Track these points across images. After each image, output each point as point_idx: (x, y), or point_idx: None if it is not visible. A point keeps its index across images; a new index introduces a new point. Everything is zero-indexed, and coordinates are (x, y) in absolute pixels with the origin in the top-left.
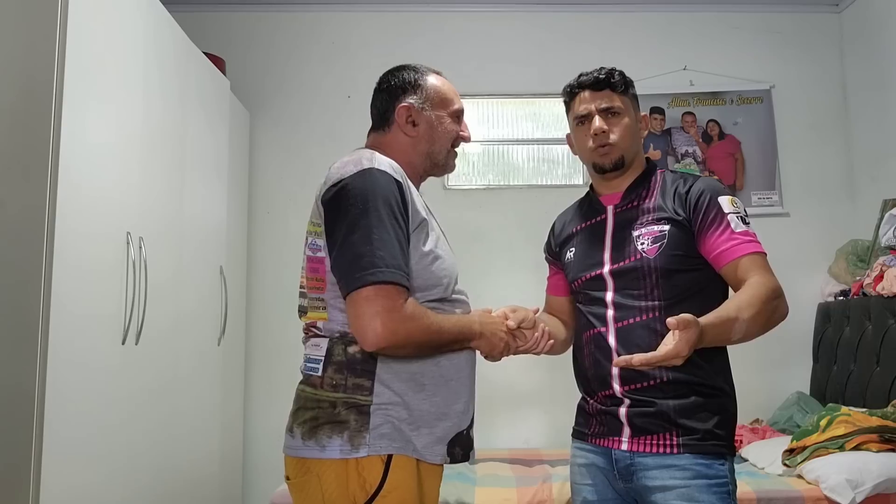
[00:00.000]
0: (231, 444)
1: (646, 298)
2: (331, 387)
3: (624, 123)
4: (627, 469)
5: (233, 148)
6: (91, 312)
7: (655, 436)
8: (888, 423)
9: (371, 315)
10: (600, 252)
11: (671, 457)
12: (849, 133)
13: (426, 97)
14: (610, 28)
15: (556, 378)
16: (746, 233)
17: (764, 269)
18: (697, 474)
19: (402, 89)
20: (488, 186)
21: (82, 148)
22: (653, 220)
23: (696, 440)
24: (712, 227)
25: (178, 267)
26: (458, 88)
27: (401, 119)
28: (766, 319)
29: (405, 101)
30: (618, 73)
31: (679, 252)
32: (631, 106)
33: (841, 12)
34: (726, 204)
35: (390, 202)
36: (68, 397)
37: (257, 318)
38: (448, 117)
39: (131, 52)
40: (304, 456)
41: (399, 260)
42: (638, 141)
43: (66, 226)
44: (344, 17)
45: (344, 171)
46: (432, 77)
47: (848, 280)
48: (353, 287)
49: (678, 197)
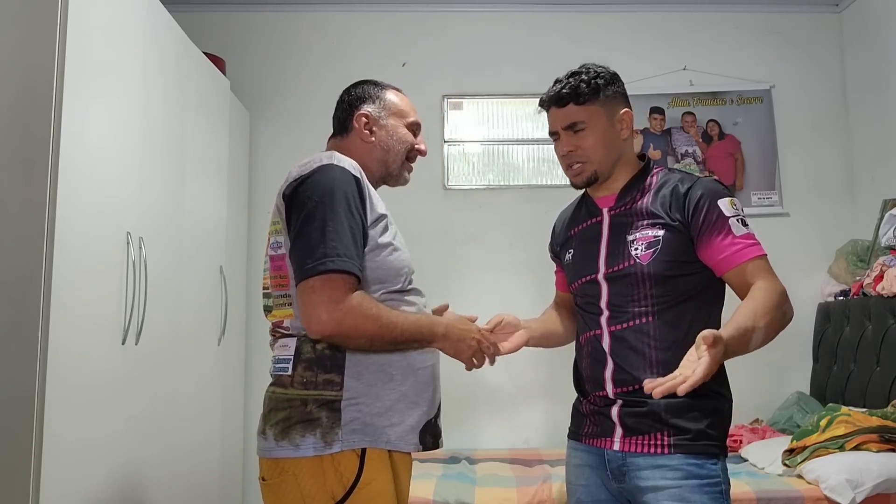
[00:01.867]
0: (231, 443)
1: (639, 304)
2: (301, 385)
3: (591, 137)
4: (620, 469)
5: (233, 148)
6: (91, 312)
7: (647, 436)
8: (888, 423)
9: (316, 304)
10: (596, 257)
11: (662, 457)
12: (849, 133)
13: (384, 107)
14: (610, 28)
15: (557, 378)
16: (748, 236)
17: (769, 273)
18: (689, 474)
19: (361, 99)
20: (488, 186)
21: (82, 148)
22: (647, 225)
23: (688, 440)
24: (713, 232)
25: (178, 267)
26: (459, 88)
27: (359, 125)
28: (779, 325)
29: (364, 110)
30: (583, 82)
31: (673, 258)
32: (602, 113)
33: (841, 12)
34: (727, 207)
35: (347, 196)
36: (68, 397)
37: (257, 318)
38: (403, 128)
39: (131, 52)
40: (278, 456)
41: (351, 250)
42: (613, 148)
43: (66, 226)
44: (344, 17)
45: (304, 169)
46: (391, 92)
47: (848, 280)
48: (303, 277)
49: (675, 199)
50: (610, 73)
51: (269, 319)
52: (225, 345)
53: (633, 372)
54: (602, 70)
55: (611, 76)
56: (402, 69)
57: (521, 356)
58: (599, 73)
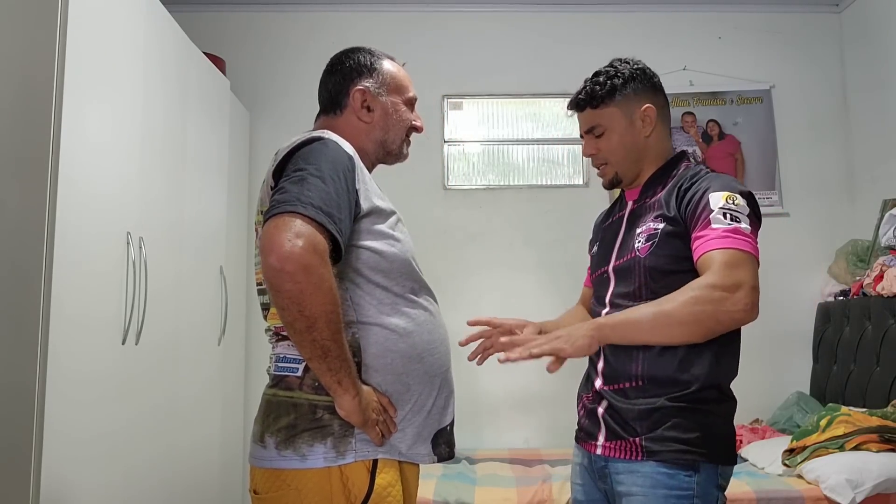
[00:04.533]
0: (231, 444)
1: (635, 298)
2: (312, 388)
3: (610, 140)
4: (602, 472)
5: (233, 148)
6: (91, 312)
7: (624, 441)
8: (888, 423)
9: (274, 236)
10: (612, 249)
11: (636, 463)
12: (849, 133)
13: (382, 82)
14: (610, 28)
15: (557, 378)
16: (729, 230)
17: (723, 265)
18: (657, 483)
19: (357, 72)
20: (488, 186)
21: (82, 148)
22: (652, 218)
23: (659, 447)
24: (695, 224)
25: (178, 267)
26: (459, 88)
27: (355, 103)
28: (699, 315)
29: (360, 85)
30: (598, 85)
31: (669, 252)
32: (619, 114)
33: (841, 12)
34: (716, 200)
35: (337, 167)
36: (68, 397)
37: (257, 318)
38: (403, 105)
39: (131, 52)
40: (280, 467)
41: (332, 209)
42: (634, 148)
43: (66, 226)
44: (344, 17)
45: (294, 142)
46: (388, 62)
47: (848, 280)
48: (266, 219)
49: (678, 193)
50: (631, 70)
51: (269, 322)
52: (225, 345)
53: (620, 368)
54: (624, 67)
55: (631, 73)
56: None
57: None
58: (618, 72)
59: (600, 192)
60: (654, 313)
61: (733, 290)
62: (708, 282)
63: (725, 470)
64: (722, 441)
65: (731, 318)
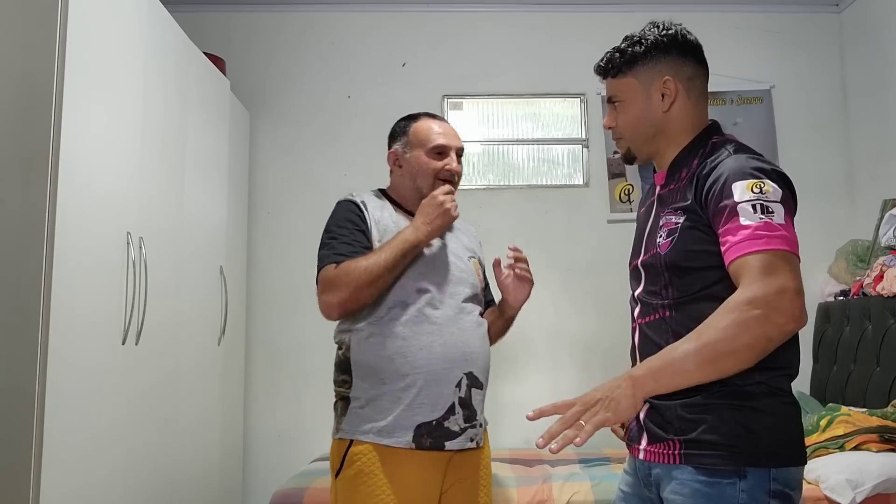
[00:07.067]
0: (231, 444)
1: (659, 296)
2: (335, 383)
3: (626, 114)
4: (647, 479)
5: (233, 148)
6: (91, 312)
7: (663, 443)
8: (888, 423)
9: (319, 302)
10: (641, 241)
11: (675, 468)
12: (849, 133)
13: (407, 141)
14: (610, 28)
15: (557, 378)
16: (761, 226)
17: (760, 274)
18: (696, 492)
19: (392, 137)
20: (488, 186)
21: (82, 148)
22: (672, 210)
23: (695, 451)
24: (721, 219)
25: (178, 267)
26: (459, 88)
27: (390, 163)
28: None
29: (392, 148)
30: (619, 52)
31: (690, 248)
32: (636, 85)
33: (841, 12)
34: (740, 191)
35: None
36: (68, 397)
37: (257, 318)
38: (425, 156)
39: (131, 52)
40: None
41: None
42: (649, 123)
43: (66, 225)
44: (344, 17)
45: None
46: (421, 121)
47: (848, 280)
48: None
49: (698, 179)
50: (657, 37)
51: None
52: (225, 345)
53: None
54: (651, 33)
55: (655, 41)
56: (402, 69)
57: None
58: (642, 39)
59: (600, 192)
60: (696, 350)
61: (776, 301)
62: (746, 297)
63: (782, 472)
64: (773, 440)
65: (782, 331)
